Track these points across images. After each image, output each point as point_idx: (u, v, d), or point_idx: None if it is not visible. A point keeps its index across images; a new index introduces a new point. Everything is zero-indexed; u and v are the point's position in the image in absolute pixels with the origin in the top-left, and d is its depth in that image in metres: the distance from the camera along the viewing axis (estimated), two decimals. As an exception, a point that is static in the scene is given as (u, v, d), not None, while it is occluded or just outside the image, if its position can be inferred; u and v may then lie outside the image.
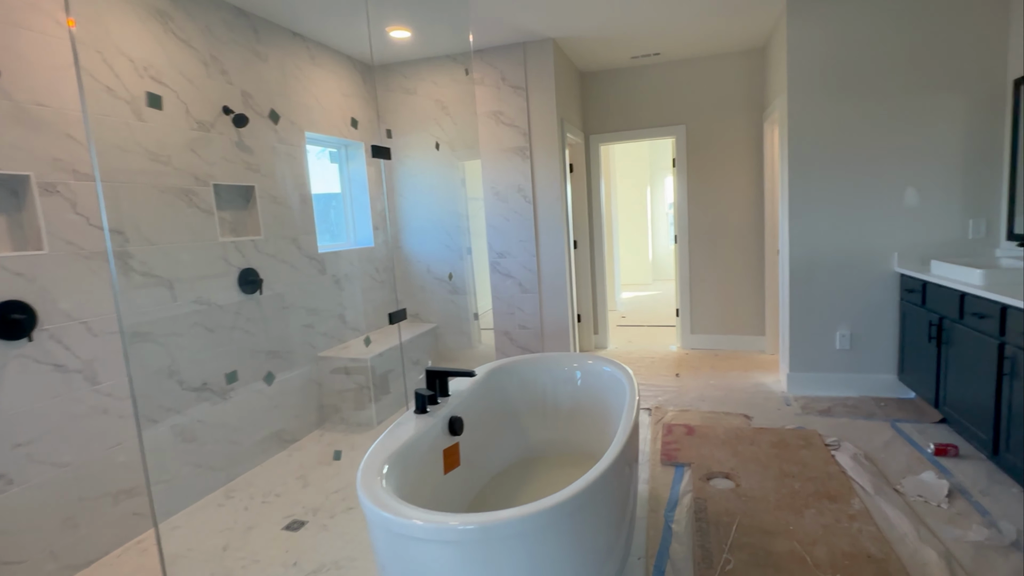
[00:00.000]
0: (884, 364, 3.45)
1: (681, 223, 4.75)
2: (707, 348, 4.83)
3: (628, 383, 2.17)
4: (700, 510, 2.27)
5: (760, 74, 4.38)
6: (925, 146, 3.21)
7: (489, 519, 1.23)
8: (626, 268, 9.31)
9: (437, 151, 4.19)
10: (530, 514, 1.26)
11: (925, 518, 2.14)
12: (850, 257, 3.41)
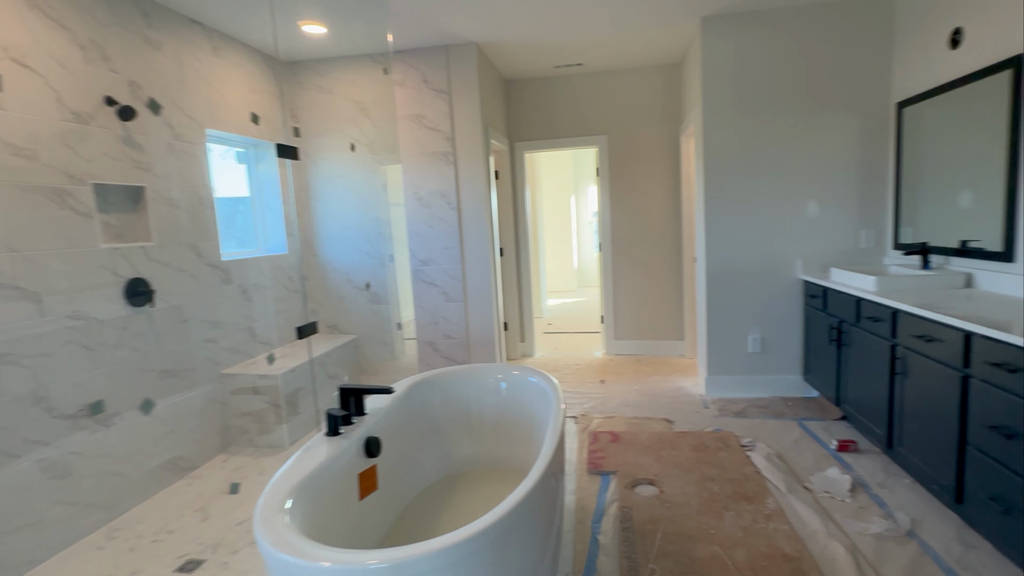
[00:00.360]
0: (791, 365, 3.65)
1: (604, 231, 4.83)
2: (631, 353, 4.93)
3: (554, 394, 2.12)
4: (626, 519, 2.26)
5: (677, 88, 4.55)
6: (823, 162, 3.45)
7: (403, 555, 1.12)
8: (552, 275, 9.41)
9: (353, 152, 4.00)
10: (449, 546, 1.16)
11: (832, 513, 2.25)
12: (760, 265, 3.59)
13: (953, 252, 2.76)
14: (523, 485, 1.44)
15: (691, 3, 3.23)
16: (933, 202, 2.94)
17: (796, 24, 3.38)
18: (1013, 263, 2.38)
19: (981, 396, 1.89)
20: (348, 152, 4.01)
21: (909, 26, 3.12)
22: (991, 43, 2.47)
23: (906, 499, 2.32)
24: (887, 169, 3.39)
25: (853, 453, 2.78)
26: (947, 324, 2.05)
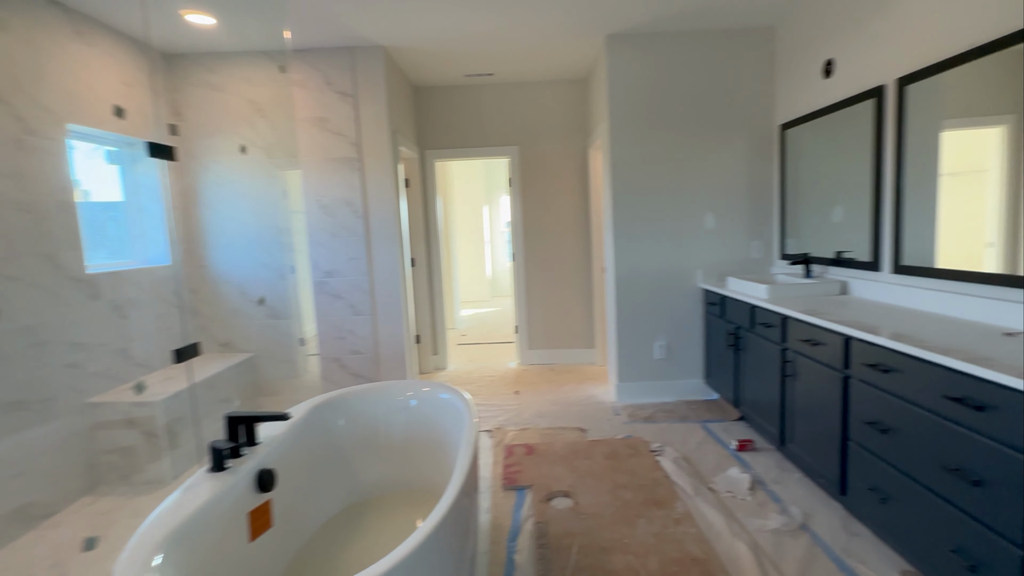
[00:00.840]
0: (694, 370, 3.83)
1: (517, 241, 4.84)
2: (545, 363, 4.96)
3: (467, 411, 2.04)
4: (542, 535, 2.22)
5: (585, 103, 4.68)
6: (719, 177, 3.67)
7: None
8: (465, 285, 9.33)
9: (245, 155, 3.70)
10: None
11: (735, 512, 2.35)
12: (665, 274, 3.74)
13: (830, 262, 3.03)
14: (434, 514, 1.34)
15: (596, 21, 3.32)
16: (812, 216, 3.22)
17: (692, 47, 3.58)
18: (880, 272, 2.64)
19: (859, 395, 2.05)
20: (241, 155, 3.70)
21: (788, 55, 3.41)
22: (858, 74, 2.75)
23: (798, 493, 2.48)
24: (773, 185, 3.67)
25: (751, 452, 2.94)
26: (829, 329, 2.22)
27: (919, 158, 2.37)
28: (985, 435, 1.50)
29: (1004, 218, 2.03)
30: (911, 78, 2.37)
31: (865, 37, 2.68)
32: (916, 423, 1.76)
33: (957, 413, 1.59)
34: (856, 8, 2.74)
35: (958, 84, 2.16)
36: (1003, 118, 2.00)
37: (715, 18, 3.37)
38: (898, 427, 1.84)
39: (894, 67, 2.49)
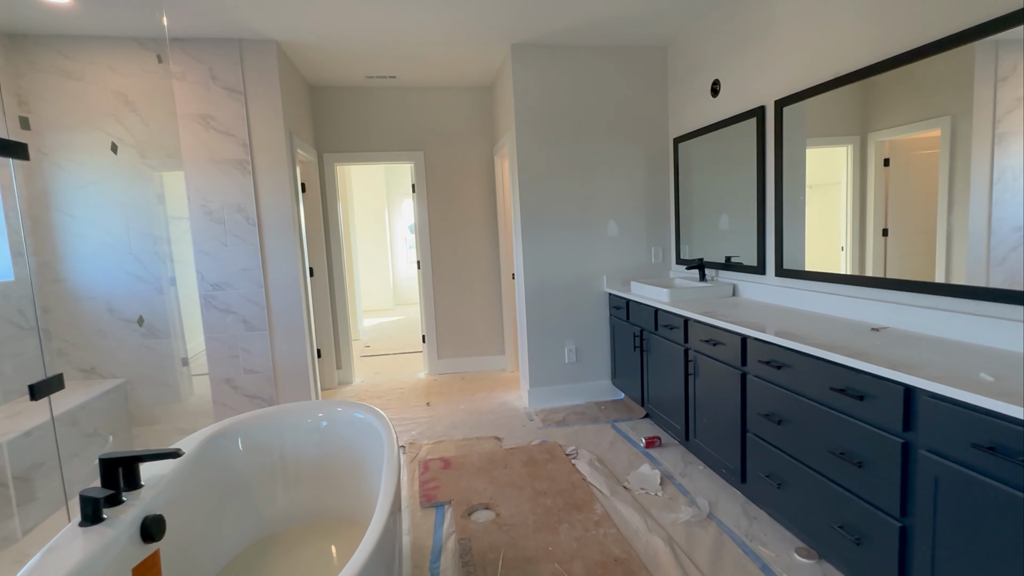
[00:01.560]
0: (602, 371, 3.97)
1: (424, 248, 4.73)
2: (455, 371, 4.89)
3: (385, 431, 1.93)
4: (465, 552, 2.16)
5: (490, 109, 4.69)
6: (621, 187, 3.84)
7: None
8: (367, 294, 8.99)
9: (114, 154, 3.26)
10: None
11: (649, 509, 2.45)
12: (573, 280, 3.84)
13: (721, 266, 3.28)
14: (365, 542, 1.24)
15: (500, 30, 3.34)
16: (705, 224, 3.47)
17: (595, 61, 3.72)
18: (765, 275, 2.90)
19: (755, 389, 2.23)
20: (108, 154, 3.25)
21: (680, 74, 3.65)
22: (742, 94, 3.00)
23: (703, 484, 2.65)
24: (669, 195, 3.91)
25: (658, 448, 3.10)
26: (728, 329, 2.39)
27: (793, 171, 2.64)
28: (865, 421, 1.68)
29: (852, 226, 2.33)
30: (787, 101, 2.63)
31: (746, 62, 2.94)
32: (805, 413, 1.94)
33: (840, 402, 1.77)
34: (736, 35, 2.99)
35: (819, 108, 2.44)
36: (850, 138, 2.29)
37: (613, 35, 3.53)
38: (790, 418, 2.02)
39: (772, 90, 2.75)
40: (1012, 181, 1.69)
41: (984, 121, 1.77)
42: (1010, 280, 1.70)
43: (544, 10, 3.08)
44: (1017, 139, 1.65)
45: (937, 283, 1.95)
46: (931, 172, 1.97)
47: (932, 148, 1.96)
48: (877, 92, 2.14)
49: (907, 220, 2.09)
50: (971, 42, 1.77)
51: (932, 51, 1.90)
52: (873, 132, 2.20)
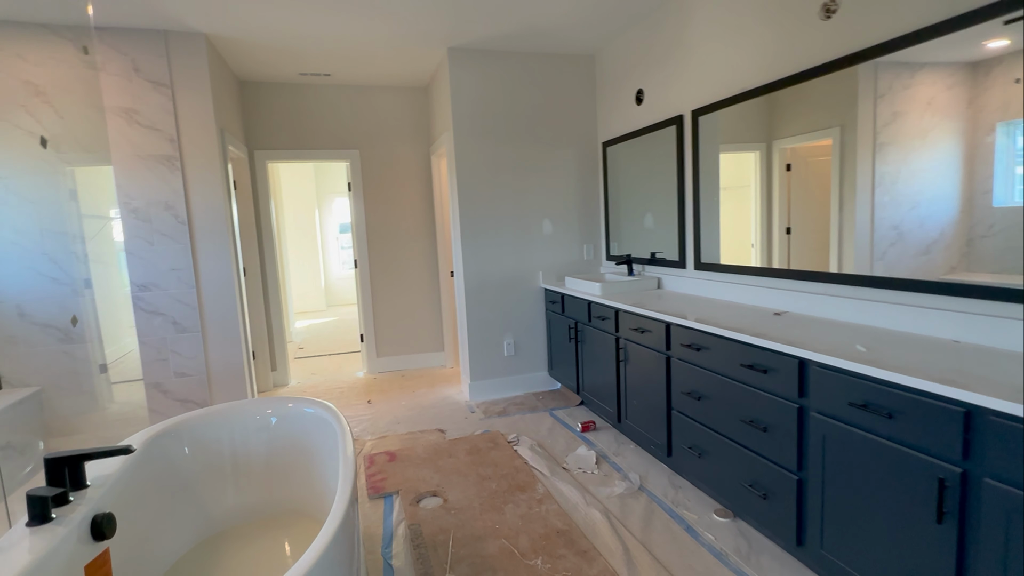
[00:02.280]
0: (539, 363, 4.15)
1: (361, 247, 4.73)
2: (395, 370, 4.92)
3: (337, 422, 1.99)
4: (416, 536, 2.26)
5: (427, 110, 4.76)
6: (554, 187, 4.04)
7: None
8: (299, 295, 8.74)
9: (28, 148, 3.07)
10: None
11: (587, 485, 2.64)
12: (511, 277, 4.00)
13: (647, 261, 3.55)
14: (327, 527, 1.32)
15: (436, 34, 3.43)
16: (632, 222, 3.73)
17: (530, 67, 3.89)
18: (685, 269, 3.19)
19: (678, 370, 2.47)
20: (14, 147, 3.04)
21: (607, 82, 3.90)
22: (663, 104, 3.28)
23: (634, 461, 2.88)
24: (599, 195, 4.16)
25: (593, 431, 3.31)
26: (654, 318, 2.63)
27: (709, 175, 2.93)
28: (768, 392, 1.94)
29: (760, 224, 2.63)
30: (702, 111, 2.91)
31: (666, 74, 3.21)
32: (720, 389, 2.19)
33: (749, 377, 2.03)
34: (657, 50, 3.26)
35: (731, 118, 2.73)
36: (758, 145, 2.59)
37: (546, 43, 3.72)
38: (708, 394, 2.27)
39: (689, 101, 3.03)
40: (890, 185, 1.99)
41: (867, 132, 2.06)
42: (890, 270, 2.00)
43: (478, 18, 3.21)
44: (894, 149, 1.95)
45: (831, 273, 2.24)
46: (825, 176, 2.26)
47: (825, 155, 2.26)
48: (780, 104, 2.44)
49: (806, 219, 2.39)
50: (854, 65, 2.07)
51: (821, 72, 2.20)
52: (777, 140, 2.49)
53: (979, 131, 1.68)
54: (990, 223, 1.67)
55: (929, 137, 1.83)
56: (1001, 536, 1.26)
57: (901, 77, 1.90)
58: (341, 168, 9.02)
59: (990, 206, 1.67)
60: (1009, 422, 1.22)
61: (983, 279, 1.70)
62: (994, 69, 1.62)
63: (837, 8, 2.12)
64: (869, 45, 2.01)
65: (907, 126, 1.90)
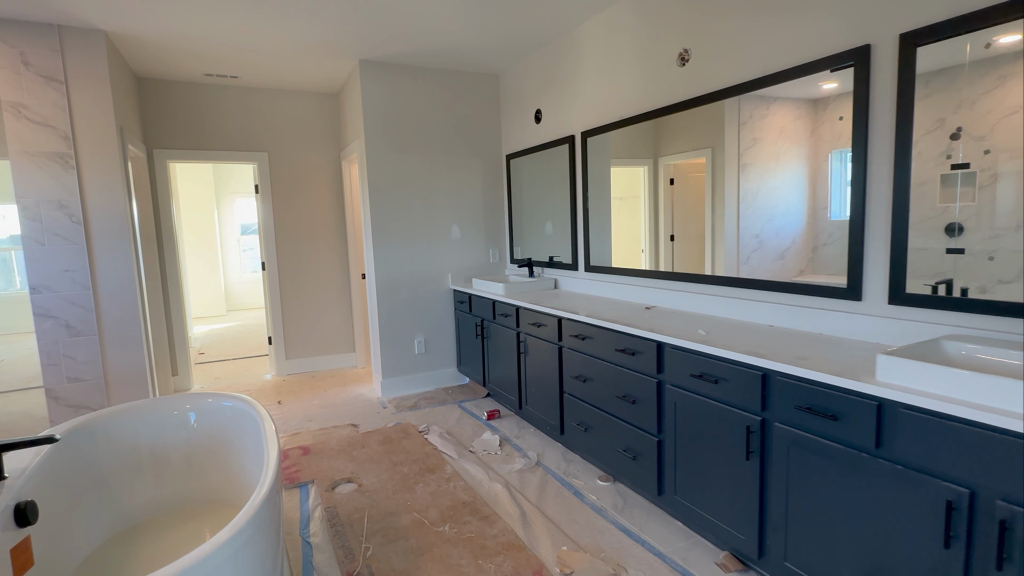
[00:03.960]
0: (448, 360, 4.41)
1: (269, 250, 4.73)
2: (305, 371, 4.95)
3: (256, 412, 2.14)
4: (333, 516, 2.44)
5: (338, 116, 4.86)
6: (463, 195, 4.33)
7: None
8: (197, 299, 8.33)
9: None
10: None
11: (491, 464, 2.95)
12: (421, 278, 4.23)
13: (546, 264, 3.94)
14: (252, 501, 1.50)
15: (346, 47, 3.60)
16: (532, 229, 4.11)
17: (440, 82, 4.16)
18: (578, 271, 3.61)
19: (569, 358, 2.85)
20: None
21: (510, 100, 4.27)
22: (558, 124, 3.68)
23: (533, 442, 3.23)
24: (504, 203, 4.51)
25: (498, 419, 3.63)
26: (549, 313, 2.99)
27: (599, 187, 3.36)
28: (636, 371, 2.36)
29: (649, 231, 3.06)
30: (590, 133, 3.34)
31: (561, 98, 3.62)
32: (601, 371, 2.59)
33: (622, 359, 2.43)
34: (553, 76, 3.67)
35: (623, 136, 3.16)
36: (646, 161, 3.01)
37: (455, 61, 4.01)
38: (592, 376, 2.67)
39: (580, 123, 3.45)
40: (752, 200, 2.37)
41: (732, 154, 2.45)
42: (753, 272, 2.39)
43: (389, 37, 3.43)
44: (755, 169, 2.34)
45: (706, 275, 2.63)
46: (701, 191, 2.65)
47: (701, 172, 2.63)
48: (665, 126, 2.82)
49: (687, 227, 2.78)
50: (710, 103, 2.52)
51: (682, 107, 2.66)
52: (662, 157, 2.88)
53: (819, 156, 2.08)
54: (829, 233, 2.07)
55: (782, 160, 2.22)
56: (784, 463, 1.72)
57: (759, 108, 2.29)
58: (242, 169, 8.72)
59: (828, 219, 2.07)
60: (789, 380, 1.68)
61: (821, 280, 2.11)
62: (829, 106, 2.03)
63: (690, 58, 2.61)
64: (716, 88, 2.48)
65: (764, 150, 2.29)
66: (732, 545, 1.95)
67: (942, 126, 1.69)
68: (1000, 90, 1.55)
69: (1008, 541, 1.21)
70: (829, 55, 2.00)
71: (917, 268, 1.79)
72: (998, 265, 1.59)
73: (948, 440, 1.29)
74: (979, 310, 1.63)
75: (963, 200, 1.66)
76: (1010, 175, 1.55)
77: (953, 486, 1.30)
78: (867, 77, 1.88)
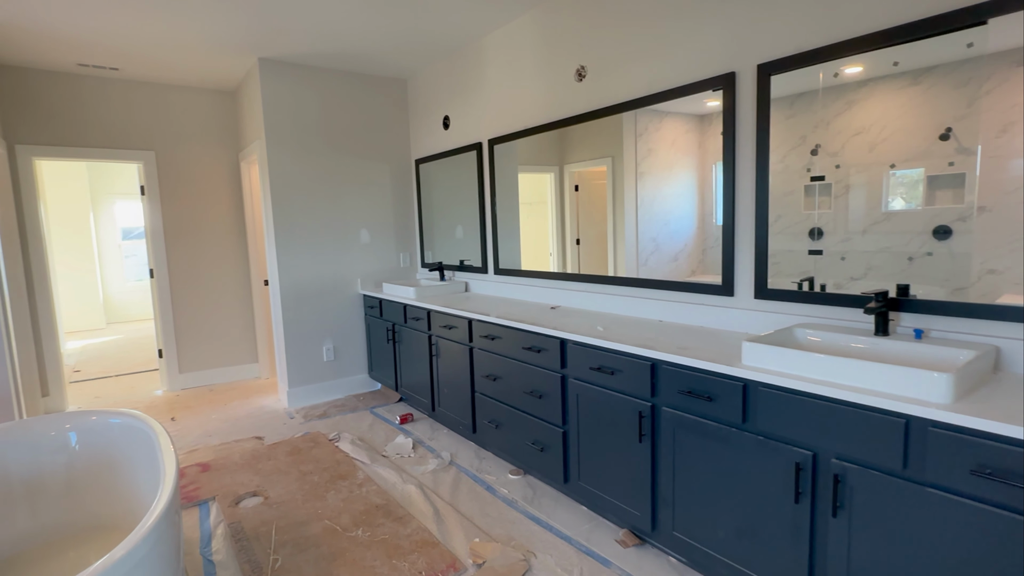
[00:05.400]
0: (359, 366, 4.35)
1: (158, 256, 4.40)
2: (201, 385, 4.64)
3: (148, 426, 2.02)
4: (237, 531, 2.35)
5: (236, 114, 4.62)
6: (372, 199, 4.29)
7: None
8: (70, 312, 7.50)
9: None
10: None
11: (404, 467, 2.96)
12: (329, 284, 4.14)
13: (457, 268, 4.01)
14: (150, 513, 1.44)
15: (243, 44, 3.47)
16: (443, 233, 4.17)
17: (347, 85, 4.09)
18: (487, 274, 3.71)
19: (480, 358, 2.94)
20: None
21: (419, 105, 4.30)
22: (466, 131, 3.77)
23: (446, 442, 3.28)
24: (414, 207, 4.52)
25: (411, 423, 3.65)
26: (459, 315, 3.07)
27: (507, 193, 3.48)
28: (542, 366, 2.49)
29: (556, 235, 3.22)
30: (496, 140, 3.46)
31: (468, 106, 3.71)
32: (510, 369, 2.70)
33: (529, 357, 2.56)
34: (460, 84, 3.76)
35: (530, 144, 3.29)
36: (552, 168, 3.16)
37: (361, 64, 3.97)
38: (501, 374, 2.77)
39: (487, 131, 3.57)
40: (649, 206, 2.56)
41: (630, 163, 2.63)
42: (651, 273, 2.58)
43: (288, 35, 3.34)
44: (651, 177, 2.53)
45: (608, 276, 2.81)
46: (603, 197, 2.82)
47: (603, 179, 2.80)
48: (569, 135, 2.97)
49: (591, 231, 2.94)
50: (607, 116, 2.72)
51: (581, 120, 2.84)
52: (567, 164, 3.03)
53: (706, 167, 2.30)
54: (716, 237, 2.29)
55: (674, 169, 2.43)
56: (671, 442, 1.91)
57: (653, 121, 2.49)
58: (124, 168, 7.97)
59: (714, 224, 2.29)
60: (673, 368, 1.88)
61: (708, 279, 2.33)
62: (713, 122, 2.25)
63: (586, 74, 2.80)
64: (611, 103, 2.68)
65: (659, 160, 2.49)
66: (630, 522, 2.13)
67: (804, 143, 1.96)
68: (848, 113, 1.84)
69: (840, 492, 1.45)
70: (704, 79, 2.25)
71: (784, 267, 2.06)
72: (849, 264, 1.89)
73: (796, 411, 1.53)
74: (829, 302, 1.92)
75: (821, 208, 1.95)
76: (858, 187, 1.85)
77: (800, 450, 1.53)
78: (733, 100, 2.15)
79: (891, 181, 1.76)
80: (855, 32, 1.78)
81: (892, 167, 1.75)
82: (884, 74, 1.74)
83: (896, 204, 1.75)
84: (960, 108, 1.59)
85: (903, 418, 1.32)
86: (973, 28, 1.54)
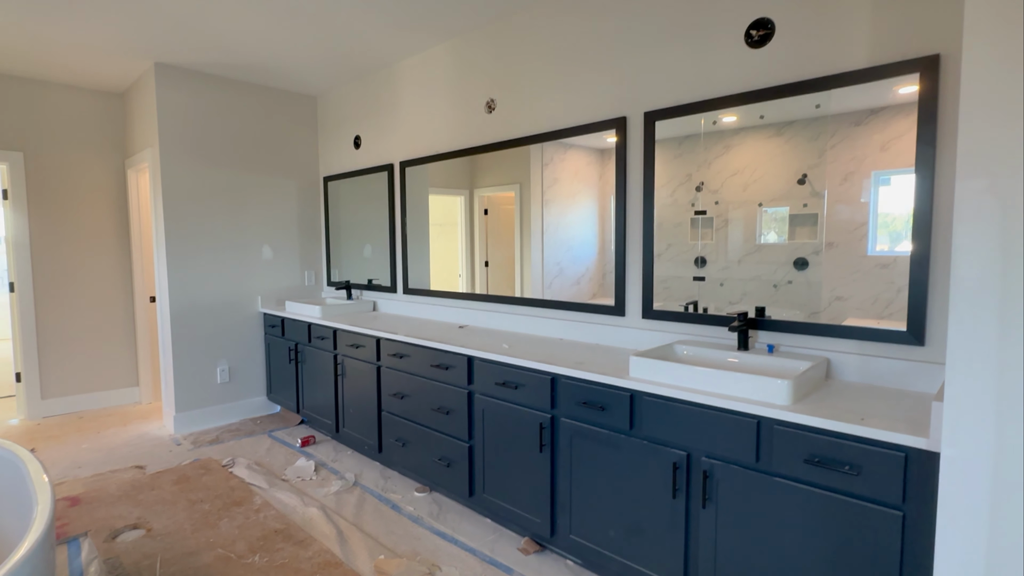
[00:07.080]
0: (257, 388, 4.14)
1: (21, 267, 3.95)
2: (70, 411, 4.18)
3: (14, 454, 1.84)
4: (116, 567, 2.16)
5: (123, 119, 4.31)
6: (275, 215, 4.16)
7: None
8: None
9: None
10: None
11: (305, 490, 2.88)
12: (225, 301, 3.93)
13: (365, 287, 3.99)
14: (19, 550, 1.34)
15: (137, 47, 3.29)
16: (351, 252, 4.14)
17: (251, 97, 3.97)
18: (396, 293, 3.73)
19: (387, 377, 2.96)
20: None
21: (328, 123, 4.27)
22: (378, 152, 3.81)
23: (351, 463, 3.23)
24: (321, 225, 4.45)
25: (313, 445, 3.54)
26: (367, 334, 3.07)
27: (418, 214, 3.55)
28: (450, 383, 2.57)
29: (465, 257, 3.32)
30: (408, 163, 3.54)
31: (381, 127, 3.76)
32: (418, 386, 2.75)
33: (437, 374, 2.63)
34: (373, 106, 3.80)
35: (442, 168, 3.38)
36: (463, 191, 3.27)
37: (268, 77, 3.89)
38: (409, 392, 2.81)
39: (398, 153, 3.63)
40: (554, 232, 2.73)
41: (537, 190, 2.80)
42: (555, 295, 2.74)
43: (190, 42, 3.22)
44: (556, 205, 2.70)
45: (515, 297, 2.94)
46: (512, 221, 2.97)
47: (511, 205, 2.96)
48: (478, 162, 3.11)
49: (499, 254, 3.07)
50: (513, 148, 2.89)
51: (490, 149, 3.00)
52: (477, 188, 3.16)
53: (606, 197, 2.50)
54: (614, 263, 2.48)
55: (577, 198, 2.62)
56: (569, 451, 2.07)
57: (559, 152, 2.68)
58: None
59: (613, 251, 2.48)
60: (571, 381, 2.04)
61: (606, 301, 2.52)
62: (612, 157, 2.45)
63: (496, 107, 2.98)
64: (517, 136, 2.87)
65: (563, 189, 2.68)
66: (531, 530, 2.25)
67: (690, 180, 2.23)
68: (726, 156, 2.13)
69: (709, 486, 1.67)
70: (601, 120, 2.50)
71: (675, 291, 2.30)
72: (728, 290, 2.16)
73: (673, 417, 1.74)
74: (705, 322, 2.19)
75: (704, 239, 2.22)
76: (735, 221, 2.13)
77: (677, 451, 1.74)
78: (624, 140, 2.41)
79: (764, 217, 2.06)
80: (725, 91, 2.10)
81: (760, 205, 2.06)
82: (754, 124, 2.05)
83: (770, 237, 2.05)
84: (813, 158, 1.92)
85: (755, 419, 1.56)
86: (819, 92, 1.87)
